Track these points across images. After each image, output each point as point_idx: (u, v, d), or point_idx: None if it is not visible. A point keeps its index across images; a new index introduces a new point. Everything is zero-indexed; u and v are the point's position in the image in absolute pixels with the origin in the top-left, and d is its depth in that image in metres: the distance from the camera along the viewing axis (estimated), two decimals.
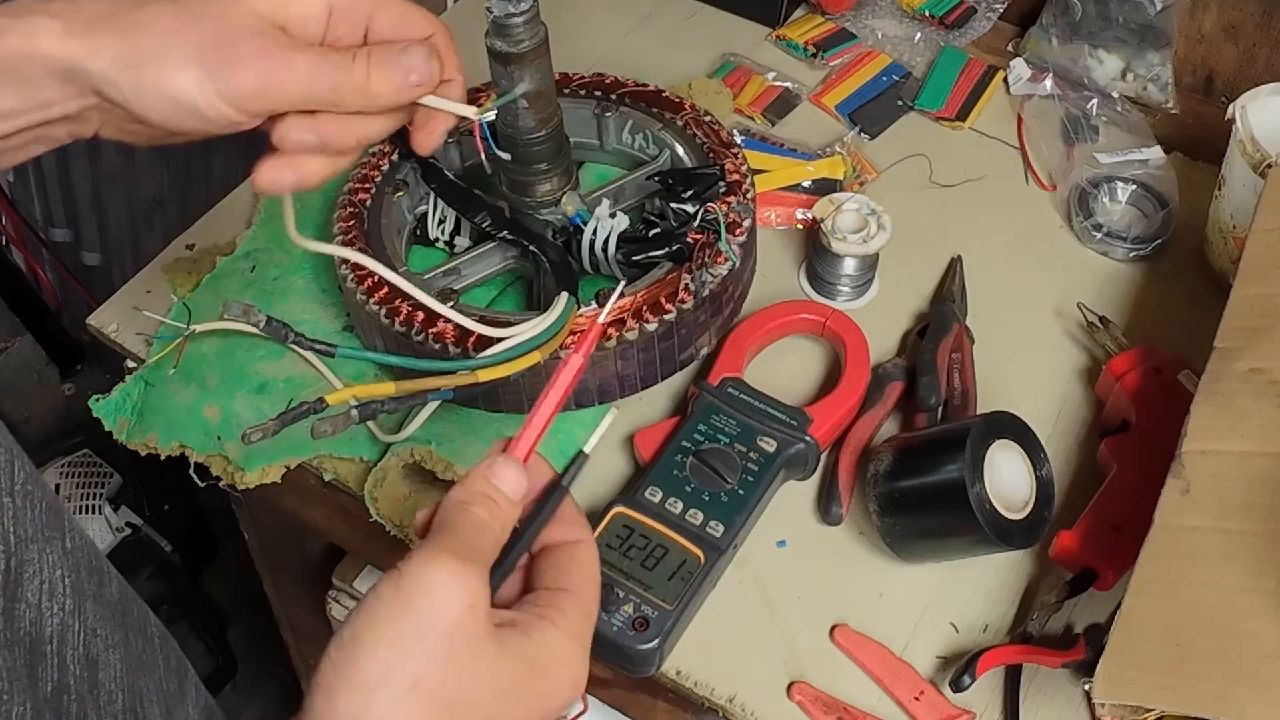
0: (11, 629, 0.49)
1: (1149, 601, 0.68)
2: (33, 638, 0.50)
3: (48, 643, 0.52)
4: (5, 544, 0.49)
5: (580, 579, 0.54)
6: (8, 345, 1.87)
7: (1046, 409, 0.91)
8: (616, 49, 1.19)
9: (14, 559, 0.49)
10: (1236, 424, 0.72)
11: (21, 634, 0.49)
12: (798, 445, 0.84)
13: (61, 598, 0.53)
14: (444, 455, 0.82)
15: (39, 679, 0.51)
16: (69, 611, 0.54)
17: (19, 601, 0.50)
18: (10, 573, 0.49)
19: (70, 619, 0.54)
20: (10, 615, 0.49)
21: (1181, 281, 0.99)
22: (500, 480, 0.54)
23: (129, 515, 1.61)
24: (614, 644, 0.76)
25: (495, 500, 0.53)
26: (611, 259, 0.86)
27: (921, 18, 1.20)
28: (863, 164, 1.08)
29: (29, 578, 0.51)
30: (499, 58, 0.79)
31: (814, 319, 0.93)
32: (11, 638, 0.49)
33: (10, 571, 0.49)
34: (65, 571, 0.54)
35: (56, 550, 0.53)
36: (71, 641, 0.54)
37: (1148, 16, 1.08)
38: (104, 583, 0.58)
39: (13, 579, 0.49)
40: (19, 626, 0.49)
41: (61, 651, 0.53)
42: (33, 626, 0.51)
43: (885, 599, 0.82)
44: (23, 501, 0.50)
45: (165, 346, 0.90)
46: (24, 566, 0.50)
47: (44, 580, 0.52)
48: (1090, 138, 1.08)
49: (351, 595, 1.18)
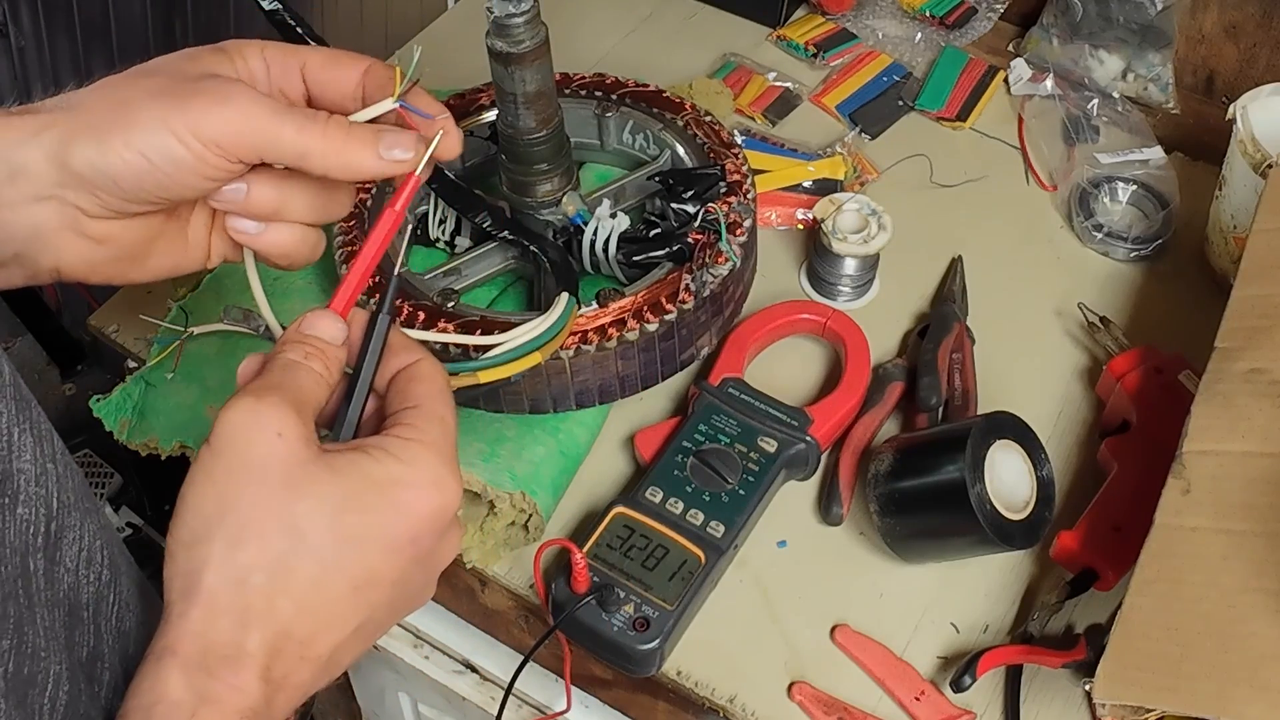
0: (52, 590, 0.49)
1: (1150, 602, 0.68)
2: (71, 601, 0.51)
3: (84, 609, 0.52)
4: (48, 508, 0.49)
5: (422, 392, 0.53)
6: (8, 345, 1.87)
7: (1047, 409, 0.91)
8: (617, 49, 1.19)
9: (55, 523, 0.49)
10: (1237, 424, 0.72)
11: (61, 596, 0.50)
12: (798, 445, 0.84)
13: (99, 568, 0.53)
14: None
15: (75, 643, 0.51)
16: (105, 583, 0.54)
17: (58, 565, 0.50)
18: (51, 536, 0.49)
19: (106, 590, 0.54)
20: (50, 577, 0.49)
21: (1182, 282, 0.99)
22: (310, 328, 0.53)
23: (130, 515, 1.61)
24: (614, 644, 0.76)
25: (307, 343, 0.53)
26: (612, 259, 0.86)
27: (922, 18, 1.20)
28: (863, 164, 1.08)
29: (69, 543, 0.51)
30: (500, 58, 0.79)
31: (815, 319, 0.93)
32: (52, 599, 0.49)
33: (51, 535, 0.49)
34: (104, 543, 0.54)
35: (95, 521, 0.53)
36: (106, 612, 0.54)
37: (1148, 16, 1.08)
38: (131, 566, 0.58)
39: (53, 542, 0.49)
40: (58, 589, 0.50)
41: (96, 620, 0.53)
42: (70, 590, 0.51)
43: (886, 599, 0.82)
44: (64, 470, 0.51)
45: (165, 349, 0.90)
46: (64, 532, 0.50)
47: (83, 548, 0.52)
48: (1091, 138, 1.08)
49: None
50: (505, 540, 0.82)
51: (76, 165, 0.54)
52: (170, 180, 0.55)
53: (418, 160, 0.57)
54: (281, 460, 0.48)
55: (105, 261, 0.59)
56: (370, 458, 0.50)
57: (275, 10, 0.86)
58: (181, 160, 0.54)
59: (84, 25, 1.36)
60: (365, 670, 1.10)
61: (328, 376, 0.53)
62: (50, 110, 0.56)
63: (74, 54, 1.39)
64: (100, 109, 0.55)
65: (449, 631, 0.97)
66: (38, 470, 0.48)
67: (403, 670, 1.01)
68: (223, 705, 0.46)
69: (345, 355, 0.54)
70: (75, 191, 0.55)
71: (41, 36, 1.34)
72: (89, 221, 0.57)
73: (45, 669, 0.47)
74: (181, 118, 0.54)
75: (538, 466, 0.83)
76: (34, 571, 0.47)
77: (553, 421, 0.85)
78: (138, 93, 0.55)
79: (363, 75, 0.60)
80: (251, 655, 0.47)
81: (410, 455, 0.50)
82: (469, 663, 0.97)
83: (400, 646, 1.00)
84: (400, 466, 0.50)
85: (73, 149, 0.54)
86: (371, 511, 0.49)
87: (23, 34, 1.35)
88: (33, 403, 0.50)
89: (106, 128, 0.54)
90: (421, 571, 0.52)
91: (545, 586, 0.80)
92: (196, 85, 0.55)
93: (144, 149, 0.54)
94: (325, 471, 0.49)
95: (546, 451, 0.84)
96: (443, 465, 0.51)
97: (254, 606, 0.47)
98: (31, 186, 0.55)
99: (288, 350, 0.52)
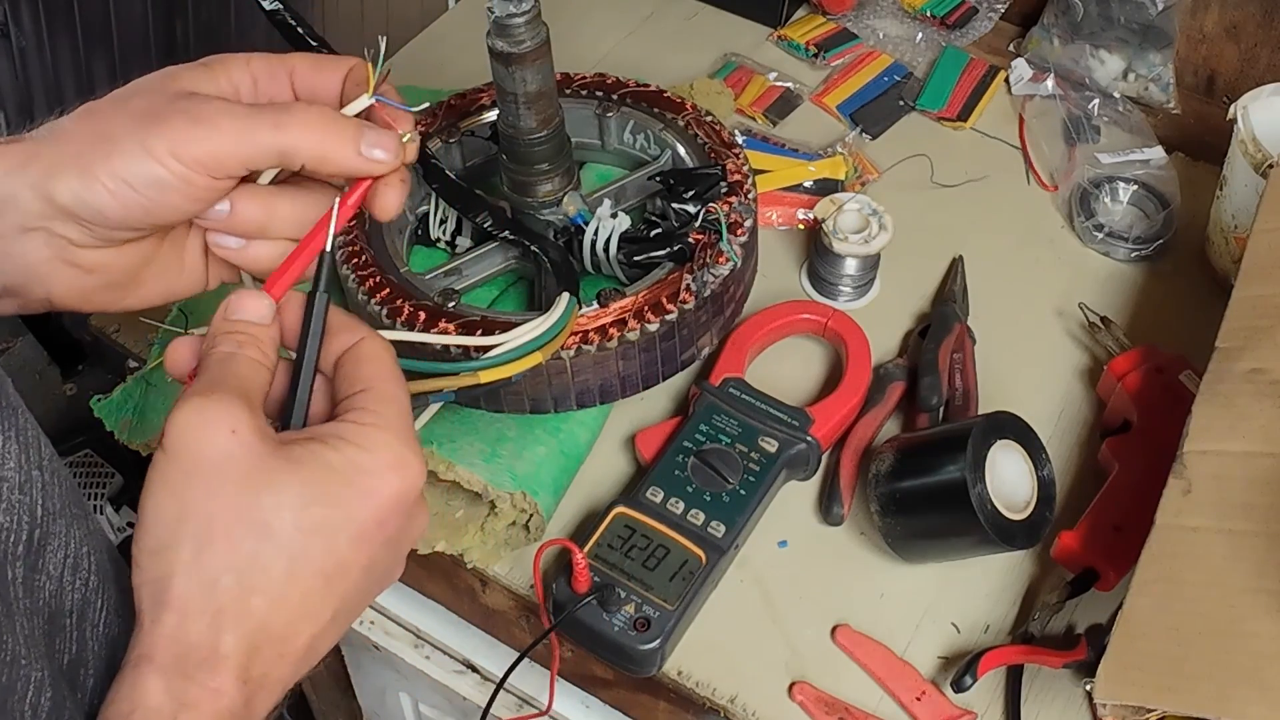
0: (32, 598, 0.49)
1: (1150, 602, 0.68)
2: (51, 609, 0.50)
3: (66, 616, 0.52)
4: (31, 516, 0.49)
5: (369, 372, 0.52)
6: (9, 345, 1.87)
7: (1048, 409, 0.91)
8: (618, 49, 1.19)
9: (39, 530, 0.49)
10: (1238, 424, 0.72)
11: (40, 604, 0.49)
12: (799, 445, 0.84)
13: (85, 574, 0.53)
14: (445, 456, 0.82)
15: (56, 649, 0.51)
16: (92, 589, 0.53)
17: (39, 573, 0.50)
18: (33, 544, 0.49)
19: (94, 596, 0.54)
20: (30, 585, 0.49)
21: (1183, 282, 0.99)
22: (236, 311, 0.53)
23: (131, 515, 1.61)
24: (615, 644, 0.76)
25: (237, 330, 0.52)
26: (613, 259, 0.86)
27: (923, 18, 1.20)
28: (864, 164, 1.08)
29: (53, 550, 0.50)
30: (500, 58, 0.79)
31: (815, 319, 0.93)
32: (31, 607, 0.48)
33: (33, 543, 0.49)
34: (91, 549, 0.54)
35: (82, 528, 0.53)
36: (92, 618, 0.54)
37: (1149, 17, 1.08)
38: (121, 571, 0.58)
39: (35, 549, 0.49)
40: (39, 597, 0.49)
41: (81, 626, 0.53)
42: (52, 598, 0.50)
43: (886, 599, 0.82)
44: (50, 477, 0.50)
45: (164, 350, 0.90)
46: (48, 539, 0.50)
47: (68, 555, 0.52)
48: (1092, 138, 1.08)
49: None
50: (506, 540, 0.82)
51: (61, 198, 0.54)
52: (156, 205, 0.54)
53: (394, 164, 0.57)
54: (239, 458, 0.47)
55: (97, 289, 0.58)
56: (329, 447, 0.49)
57: (275, 10, 0.86)
58: (165, 183, 0.54)
59: (85, 26, 1.36)
60: (365, 670, 1.10)
61: (265, 360, 0.52)
62: (35, 140, 0.55)
63: (75, 54, 1.39)
64: (81, 139, 0.54)
65: (449, 631, 0.97)
66: (22, 478, 0.48)
67: (403, 670, 1.01)
68: (201, 709, 0.46)
69: (277, 333, 0.54)
70: (62, 223, 0.55)
71: (42, 37, 1.34)
72: (78, 251, 0.56)
73: (26, 675, 0.46)
74: (160, 141, 0.53)
75: (538, 466, 0.83)
76: (12, 580, 0.47)
77: (553, 421, 0.85)
78: (118, 119, 0.54)
79: (347, 74, 0.59)
80: (227, 657, 0.47)
81: (369, 440, 0.50)
82: (469, 663, 0.97)
83: (400, 646, 1.00)
84: (360, 453, 0.49)
85: (56, 182, 0.53)
86: (336, 502, 0.49)
87: (24, 34, 1.35)
88: (20, 409, 0.49)
89: (88, 158, 0.54)
90: (390, 553, 0.52)
91: (546, 587, 0.80)
92: (173, 106, 0.55)
93: (127, 176, 0.53)
94: (285, 464, 0.48)
95: (547, 451, 0.84)
96: (403, 445, 0.50)
97: (226, 608, 0.47)
98: (18, 218, 0.54)
99: (220, 344, 0.52)
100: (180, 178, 0.54)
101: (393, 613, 0.99)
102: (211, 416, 0.48)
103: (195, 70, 0.58)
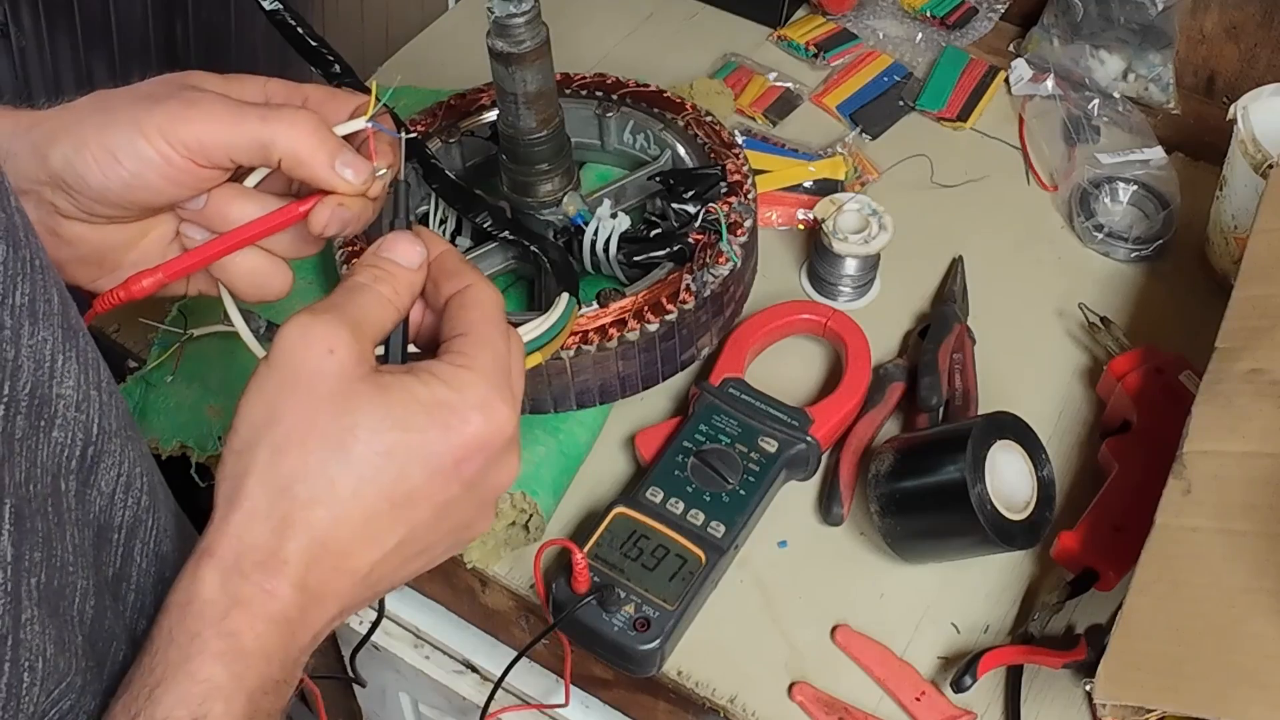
0: (83, 510, 0.50)
1: (1150, 602, 0.68)
2: (100, 523, 0.52)
3: (115, 531, 0.53)
4: (86, 433, 0.50)
5: (473, 318, 0.54)
6: None
7: (1048, 409, 0.91)
8: (618, 49, 1.19)
9: (93, 448, 0.51)
10: (1237, 424, 0.72)
11: (91, 517, 0.51)
12: (799, 445, 0.84)
13: (138, 493, 0.54)
14: None
15: (102, 561, 0.52)
16: (144, 508, 0.55)
17: (91, 488, 0.51)
18: (86, 460, 0.50)
19: (144, 515, 0.55)
20: (82, 499, 0.50)
21: (1183, 282, 0.99)
22: (386, 250, 0.54)
23: None
24: (615, 644, 0.76)
25: (378, 265, 0.54)
26: (613, 259, 0.86)
27: (923, 18, 1.20)
28: (864, 164, 1.08)
29: (106, 468, 0.52)
30: (500, 58, 0.79)
31: (815, 319, 0.93)
32: (82, 519, 0.50)
33: (86, 459, 0.50)
34: (144, 470, 0.55)
35: (136, 449, 0.55)
36: (142, 535, 0.55)
37: (1149, 17, 1.08)
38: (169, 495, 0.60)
39: (88, 466, 0.50)
40: (89, 510, 0.51)
41: (129, 543, 0.54)
42: (102, 513, 0.52)
43: (886, 599, 0.82)
44: (108, 398, 0.52)
45: (165, 350, 0.91)
46: (101, 457, 0.51)
47: (121, 474, 0.53)
48: (1091, 138, 1.08)
49: None
50: (506, 540, 0.82)
51: (54, 162, 0.56)
52: (135, 179, 0.56)
53: (359, 189, 0.59)
54: (329, 375, 0.49)
55: (71, 262, 0.60)
56: (419, 380, 0.50)
57: (276, 10, 0.86)
58: (148, 159, 0.56)
59: (85, 25, 1.36)
60: (366, 670, 1.10)
61: (396, 300, 0.53)
62: (44, 111, 0.58)
63: (75, 54, 1.39)
64: (84, 111, 0.57)
65: (449, 631, 0.97)
66: (79, 397, 0.49)
67: (403, 670, 1.01)
68: (254, 608, 0.47)
69: (421, 279, 0.55)
70: (51, 190, 0.57)
71: (42, 36, 1.34)
72: (62, 221, 0.58)
73: (73, 583, 0.48)
74: (152, 119, 0.56)
75: (538, 466, 0.83)
76: (65, 491, 0.48)
77: (553, 421, 0.85)
78: (122, 100, 0.57)
79: (355, 109, 0.62)
80: (287, 562, 0.48)
81: (458, 380, 0.51)
82: (469, 663, 0.97)
83: (400, 646, 1.00)
84: (446, 390, 0.50)
85: (53, 146, 0.56)
86: (415, 430, 0.50)
87: (23, 34, 1.34)
88: (81, 331, 0.51)
89: (85, 127, 0.56)
90: (470, 498, 0.53)
91: (545, 586, 0.80)
92: (175, 93, 0.57)
93: (113, 147, 0.56)
94: (372, 389, 0.49)
95: (547, 451, 0.84)
96: (491, 390, 0.51)
97: (292, 515, 0.48)
98: (14, 178, 0.56)
99: (359, 274, 0.53)
100: (163, 156, 0.56)
101: (392, 613, 0.99)
102: (314, 334, 0.49)
103: (214, 76, 0.61)
